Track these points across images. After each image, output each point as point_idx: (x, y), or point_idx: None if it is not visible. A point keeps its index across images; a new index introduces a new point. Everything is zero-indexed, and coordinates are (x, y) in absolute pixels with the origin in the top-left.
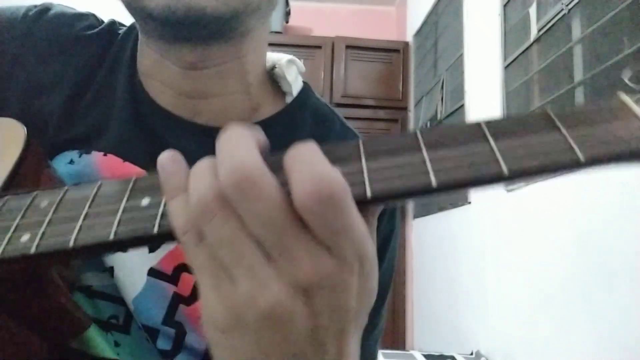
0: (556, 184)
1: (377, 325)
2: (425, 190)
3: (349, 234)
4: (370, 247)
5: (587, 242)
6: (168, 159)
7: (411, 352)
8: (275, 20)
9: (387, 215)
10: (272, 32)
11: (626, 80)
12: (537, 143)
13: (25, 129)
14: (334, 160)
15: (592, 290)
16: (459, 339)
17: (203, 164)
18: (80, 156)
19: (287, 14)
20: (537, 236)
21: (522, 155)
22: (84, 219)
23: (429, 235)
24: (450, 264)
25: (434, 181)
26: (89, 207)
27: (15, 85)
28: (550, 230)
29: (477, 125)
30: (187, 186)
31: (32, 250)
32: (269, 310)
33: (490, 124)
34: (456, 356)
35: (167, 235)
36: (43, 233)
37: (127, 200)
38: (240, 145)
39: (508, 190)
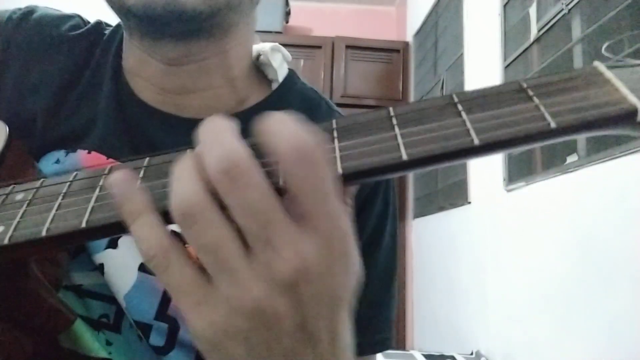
0: (556, 184)
1: (389, 304)
2: (397, 165)
3: (327, 203)
4: (347, 223)
5: (587, 242)
6: (119, 180)
7: (411, 352)
8: (275, 20)
9: (380, 192)
10: (272, 32)
11: (602, 51)
12: (509, 113)
13: (7, 128)
14: None
15: (592, 290)
16: (459, 339)
17: (182, 165)
18: (66, 155)
19: (287, 14)
20: (537, 236)
21: (493, 126)
22: (57, 209)
23: (429, 235)
24: (450, 264)
25: (404, 155)
26: (63, 197)
27: (2, 87)
28: (550, 230)
29: (450, 98)
30: (144, 206)
31: (6, 241)
32: (255, 312)
33: (462, 96)
34: (456, 356)
35: None
36: (17, 224)
37: (100, 189)
38: (226, 134)
39: (508, 190)
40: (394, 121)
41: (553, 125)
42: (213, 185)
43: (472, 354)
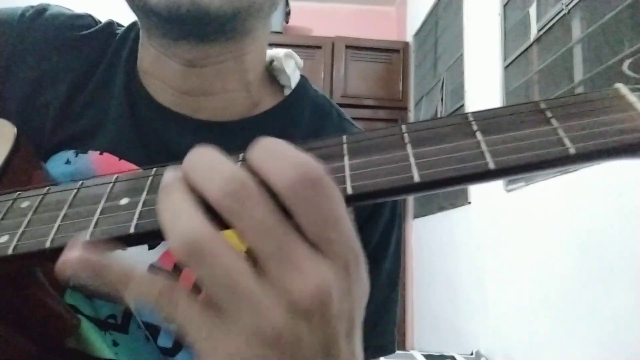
0: (556, 184)
1: (393, 310)
2: (408, 187)
3: (338, 226)
4: (359, 244)
5: (587, 242)
6: (89, 263)
7: (411, 352)
8: (275, 20)
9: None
10: (272, 32)
11: (625, 70)
12: (527, 137)
13: (15, 128)
14: (317, 157)
15: (592, 290)
16: (459, 339)
17: (174, 200)
18: (76, 156)
19: (287, 14)
20: (537, 236)
21: (510, 150)
22: (62, 220)
23: (429, 235)
24: (450, 264)
25: (416, 177)
26: (68, 207)
27: (12, 85)
28: (550, 230)
29: (465, 118)
30: (127, 272)
31: (10, 251)
32: (276, 340)
33: (478, 116)
34: (456, 356)
35: (144, 236)
36: (21, 234)
37: (106, 200)
38: (220, 160)
39: (508, 190)
40: (407, 139)
41: (572, 151)
42: (217, 211)
43: (472, 354)
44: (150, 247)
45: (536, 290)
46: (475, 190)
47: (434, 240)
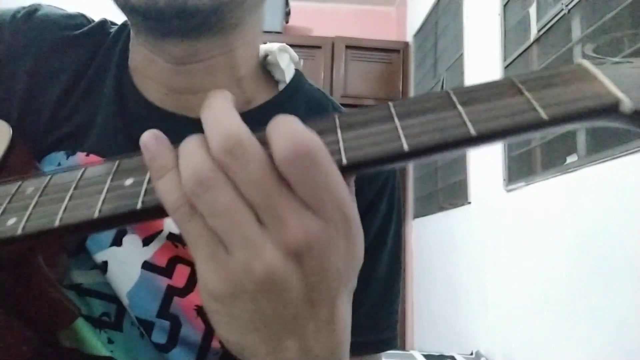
0: (556, 184)
1: (393, 304)
2: (398, 156)
3: (330, 192)
4: (353, 208)
5: (587, 242)
6: (151, 139)
7: (411, 352)
8: (275, 20)
9: (386, 195)
10: (272, 32)
11: (588, 53)
12: (503, 106)
13: (10, 129)
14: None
15: (592, 290)
16: (459, 339)
17: (192, 141)
18: (67, 158)
19: (287, 14)
20: (537, 236)
21: (488, 118)
22: (69, 200)
23: (429, 235)
24: (450, 264)
25: (405, 146)
26: (74, 189)
27: (6, 87)
28: (550, 230)
29: (446, 93)
30: (174, 163)
31: (19, 231)
32: (265, 277)
33: (458, 91)
34: (456, 356)
35: (150, 211)
36: (29, 215)
37: (112, 180)
38: (224, 112)
39: (508, 190)
40: (394, 114)
41: (544, 116)
42: (220, 163)
43: (472, 354)
44: (145, 244)
45: (536, 290)
46: (475, 190)
47: (434, 240)
